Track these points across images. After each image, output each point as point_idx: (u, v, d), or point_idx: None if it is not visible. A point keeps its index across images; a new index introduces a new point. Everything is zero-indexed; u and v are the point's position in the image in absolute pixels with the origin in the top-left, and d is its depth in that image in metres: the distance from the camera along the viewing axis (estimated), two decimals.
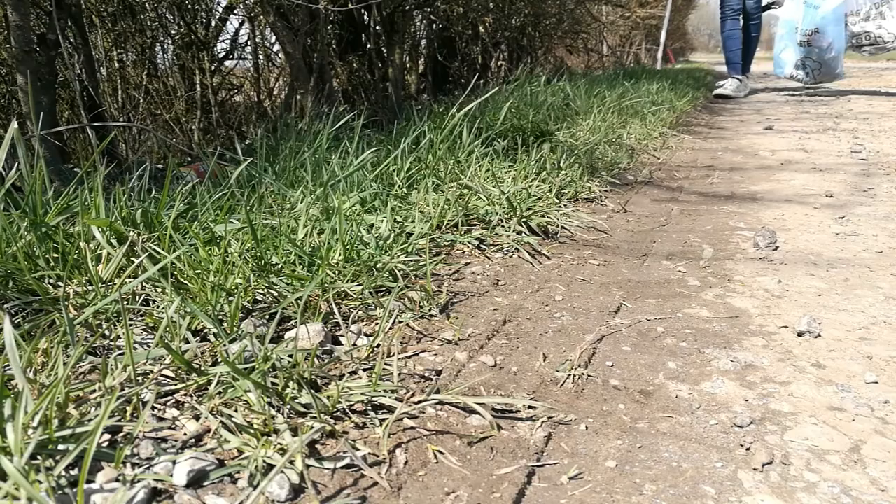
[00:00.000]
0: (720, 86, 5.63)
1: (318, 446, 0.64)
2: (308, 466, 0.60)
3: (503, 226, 1.39)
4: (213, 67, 3.49)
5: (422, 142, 1.77)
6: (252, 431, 0.63)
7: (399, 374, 0.79)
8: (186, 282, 0.93)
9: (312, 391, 0.68)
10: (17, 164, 1.03)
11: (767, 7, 5.53)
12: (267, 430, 0.64)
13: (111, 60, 3.26)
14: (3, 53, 2.60)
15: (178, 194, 1.18)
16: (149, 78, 3.40)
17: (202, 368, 0.72)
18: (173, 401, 0.69)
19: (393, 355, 0.82)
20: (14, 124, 1.01)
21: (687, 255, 1.34)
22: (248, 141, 2.50)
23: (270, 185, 1.43)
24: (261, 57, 3.71)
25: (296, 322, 0.87)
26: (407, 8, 3.44)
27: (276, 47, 3.65)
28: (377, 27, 3.40)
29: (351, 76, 3.60)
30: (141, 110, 3.34)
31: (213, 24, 3.56)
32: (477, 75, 4.18)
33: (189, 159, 2.19)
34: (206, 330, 0.84)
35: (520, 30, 4.87)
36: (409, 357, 0.85)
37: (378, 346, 0.84)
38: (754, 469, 0.65)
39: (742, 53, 5.60)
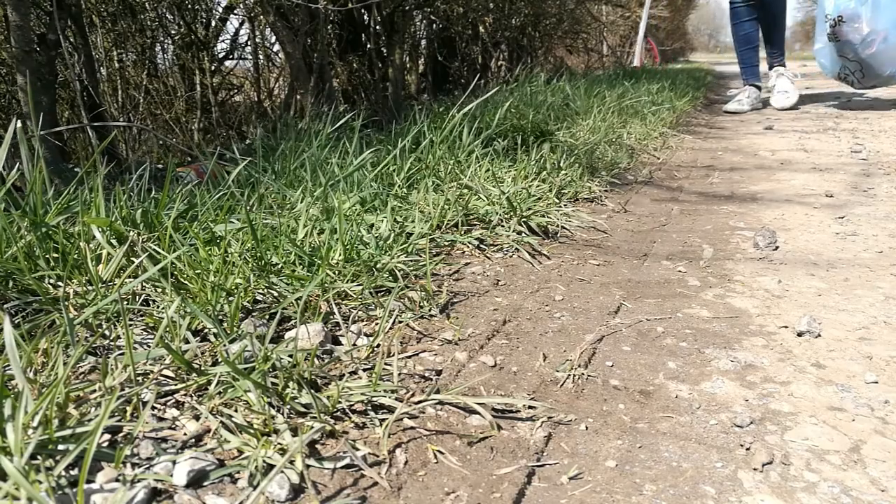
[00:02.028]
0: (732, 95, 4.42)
1: (318, 446, 0.64)
2: (308, 466, 0.60)
3: (503, 226, 1.39)
4: (213, 67, 3.49)
5: (422, 142, 1.77)
6: (252, 431, 0.63)
7: (399, 374, 0.79)
8: (186, 282, 0.93)
9: (312, 391, 0.68)
10: (17, 164, 1.03)
11: None
12: (267, 430, 0.64)
13: (111, 60, 3.25)
14: (3, 53, 2.60)
15: (178, 194, 1.18)
16: (149, 78, 3.40)
17: (202, 368, 0.72)
18: (173, 401, 0.69)
19: (393, 355, 0.82)
20: (17, 123, 1.01)
21: (687, 255, 1.34)
22: (248, 141, 2.50)
23: (270, 185, 1.43)
24: (261, 57, 3.71)
25: (296, 322, 0.87)
26: (407, 8, 3.44)
27: (276, 47, 3.65)
28: (377, 27, 3.40)
29: (351, 76, 3.60)
30: (141, 110, 3.34)
31: (213, 24, 3.56)
32: (477, 75, 4.18)
33: (189, 159, 2.19)
34: (206, 330, 0.84)
35: (520, 30, 4.87)
36: (409, 357, 0.85)
37: (378, 346, 0.84)
38: (754, 469, 0.65)
39: (766, 39, 4.19)
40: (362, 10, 3.29)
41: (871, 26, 3.49)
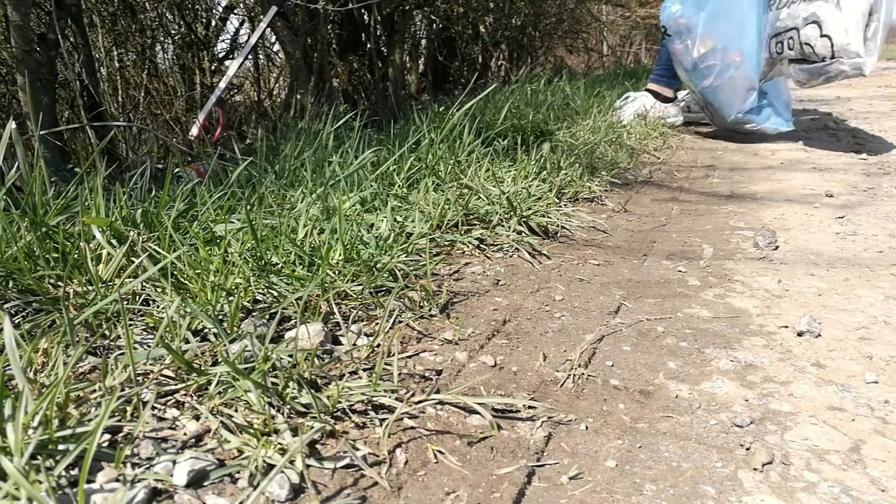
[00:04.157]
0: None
1: (318, 446, 0.64)
2: (308, 466, 0.60)
3: (503, 226, 1.39)
4: (213, 67, 3.49)
5: (422, 141, 1.77)
6: (252, 431, 0.63)
7: (399, 374, 0.79)
8: (186, 282, 0.93)
9: (312, 391, 0.68)
10: (17, 163, 1.03)
11: None
12: (267, 430, 0.64)
13: (111, 60, 3.26)
14: (3, 53, 2.60)
15: (178, 194, 1.18)
16: (149, 78, 3.40)
17: (202, 368, 0.72)
18: (173, 401, 0.69)
19: (393, 355, 0.82)
20: (12, 124, 1.01)
21: (687, 254, 1.34)
22: (248, 141, 2.50)
23: (270, 185, 1.43)
24: (261, 57, 3.71)
25: (296, 322, 0.87)
26: (407, 8, 3.44)
27: (276, 47, 3.66)
28: (377, 27, 3.40)
29: (351, 76, 3.61)
30: (141, 110, 3.34)
31: (213, 23, 3.56)
32: (477, 75, 4.18)
33: (189, 159, 2.19)
34: (206, 330, 0.84)
35: (520, 29, 4.87)
36: (409, 357, 0.85)
37: (378, 346, 0.84)
38: (754, 469, 0.65)
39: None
40: (362, 10, 3.29)
41: (708, 45, 2.24)
